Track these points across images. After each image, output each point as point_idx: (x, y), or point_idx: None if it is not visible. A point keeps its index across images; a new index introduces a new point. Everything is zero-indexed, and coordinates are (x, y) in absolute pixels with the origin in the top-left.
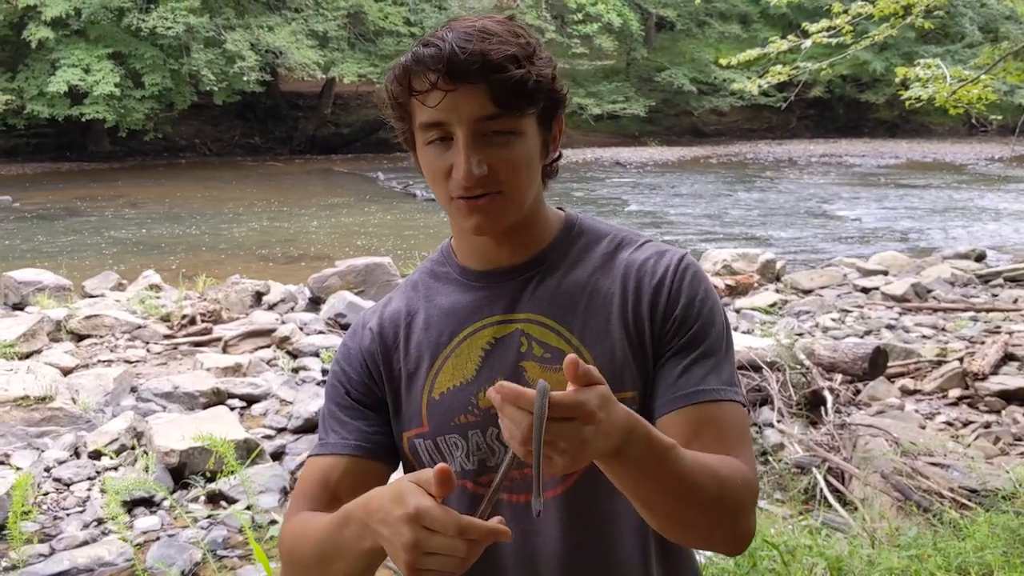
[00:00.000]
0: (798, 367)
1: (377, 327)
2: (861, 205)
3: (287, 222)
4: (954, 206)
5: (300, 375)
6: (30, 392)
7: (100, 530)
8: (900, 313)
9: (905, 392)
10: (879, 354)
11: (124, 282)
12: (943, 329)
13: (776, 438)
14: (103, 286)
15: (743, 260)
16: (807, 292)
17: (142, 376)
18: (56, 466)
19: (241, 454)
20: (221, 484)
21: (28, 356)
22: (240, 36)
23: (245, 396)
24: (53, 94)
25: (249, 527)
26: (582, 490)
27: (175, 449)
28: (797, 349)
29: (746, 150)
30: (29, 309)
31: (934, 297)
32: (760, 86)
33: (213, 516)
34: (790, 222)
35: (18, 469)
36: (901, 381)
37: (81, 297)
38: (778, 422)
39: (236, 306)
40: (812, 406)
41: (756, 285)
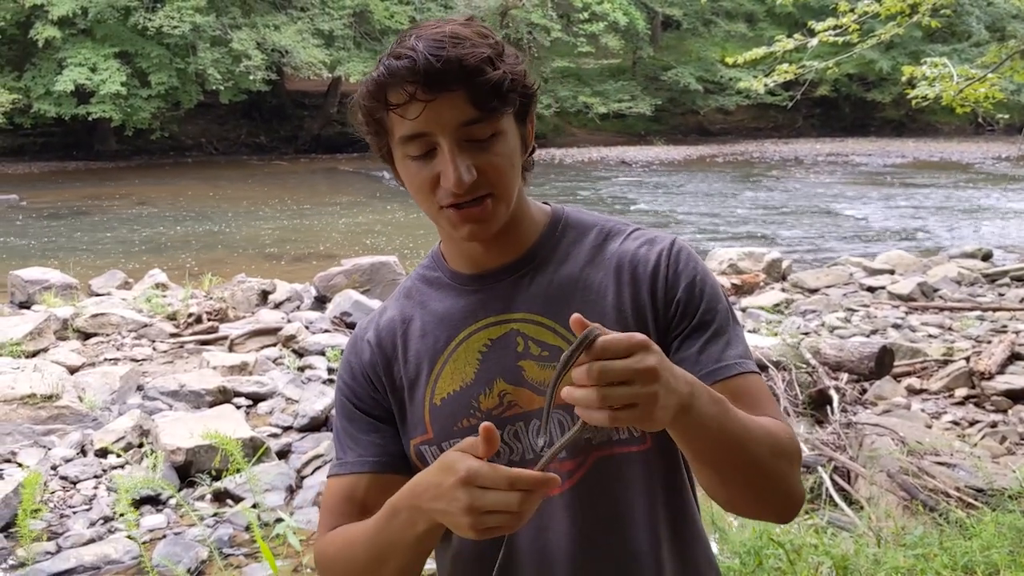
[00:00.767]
0: (804, 366)
1: (375, 338)
2: (867, 204)
3: (293, 221)
4: (961, 205)
5: (306, 373)
6: (37, 390)
7: (107, 528)
8: (906, 312)
9: (911, 391)
10: (885, 353)
11: (130, 281)
12: (949, 328)
13: None
14: (109, 285)
15: (749, 259)
16: (813, 291)
17: (148, 374)
18: (63, 464)
19: (247, 452)
20: (227, 482)
21: (35, 354)
22: (246, 35)
23: (251, 394)
24: (60, 93)
25: (256, 525)
26: (590, 483)
27: (181, 447)
28: (803, 348)
29: (752, 149)
30: (36, 308)
31: (940, 296)
32: (766, 85)
33: (219, 514)
34: (796, 221)
35: (24, 467)
36: (907, 380)
37: (88, 296)
38: None
39: (242, 305)
40: (818, 405)
41: (762, 284)
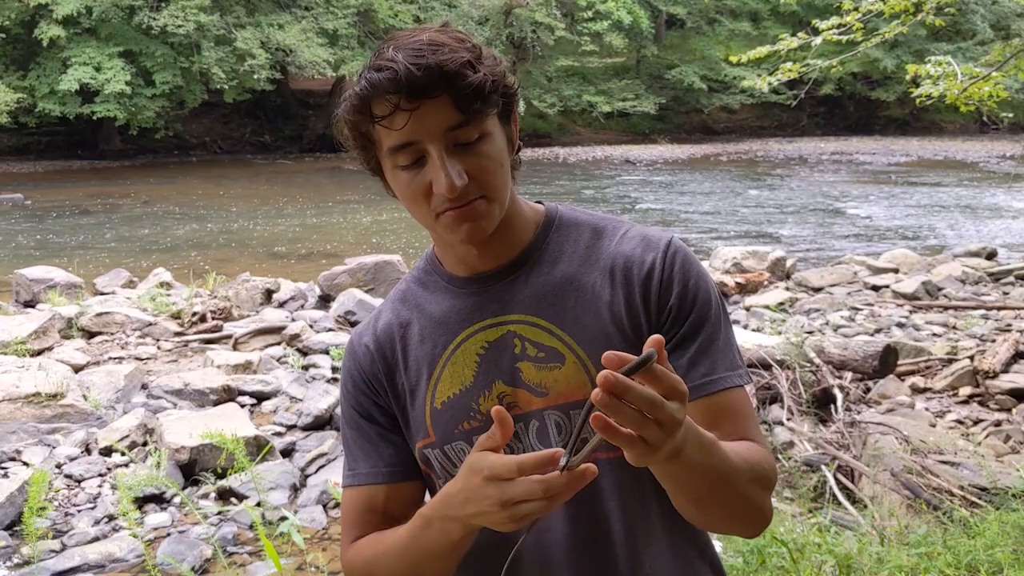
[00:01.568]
0: (808, 365)
1: (375, 345)
2: (871, 203)
3: (297, 220)
4: (965, 204)
5: (310, 372)
6: (41, 389)
7: (111, 526)
8: (910, 311)
9: (915, 390)
10: (889, 352)
11: (135, 279)
12: (953, 327)
13: (786, 436)
14: (114, 283)
15: (753, 258)
16: (817, 290)
17: (152, 373)
18: (67, 463)
19: (251, 451)
20: (231, 481)
21: (39, 353)
22: (250, 34)
23: (255, 393)
24: (64, 92)
25: (260, 523)
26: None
27: (185, 446)
28: (807, 347)
29: (756, 148)
30: (40, 306)
31: (944, 295)
32: (770, 83)
33: (223, 512)
34: (800, 220)
35: (29, 465)
36: (911, 379)
37: (92, 295)
38: (788, 420)
39: (246, 303)
40: (822, 404)
41: (766, 283)
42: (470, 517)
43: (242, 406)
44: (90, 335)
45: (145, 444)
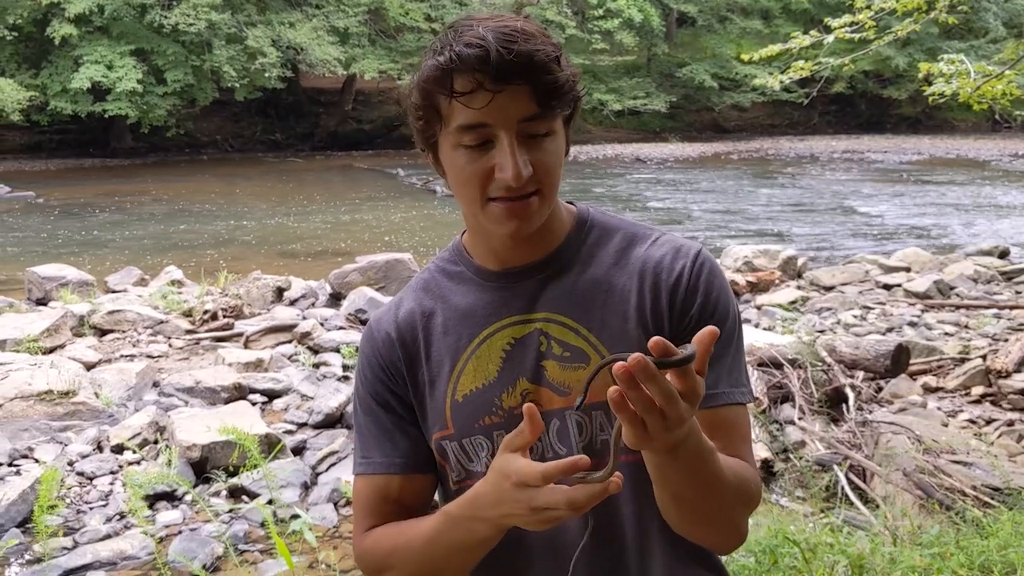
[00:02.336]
0: (819, 364)
1: (396, 333)
2: (883, 201)
3: (308, 218)
4: (977, 202)
5: (321, 370)
6: (53, 387)
7: (123, 524)
8: (922, 310)
9: (927, 390)
10: (901, 351)
11: (146, 278)
12: (966, 326)
13: (797, 435)
14: (125, 281)
15: (764, 257)
16: (829, 289)
17: (164, 371)
18: (79, 460)
19: (263, 449)
20: (243, 479)
21: (51, 351)
22: (261, 33)
23: (266, 391)
24: (76, 91)
25: (271, 521)
26: None
27: (197, 444)
28: (818, 346)
29: (767, 146)
30: (52, 304)
31: (957, 294)
32: (782, 82)
33: (235, 510)
34: (811, 218)
35: (41, 463)
36: (923, 379)
37: (104, 292)
38: (799, 419)
39: (257, 302)
40: (833, 403)
41: (777, 282)
42: (501, 518)
43: (253, 404)
44: (102, 333)
45: (156, 442)
